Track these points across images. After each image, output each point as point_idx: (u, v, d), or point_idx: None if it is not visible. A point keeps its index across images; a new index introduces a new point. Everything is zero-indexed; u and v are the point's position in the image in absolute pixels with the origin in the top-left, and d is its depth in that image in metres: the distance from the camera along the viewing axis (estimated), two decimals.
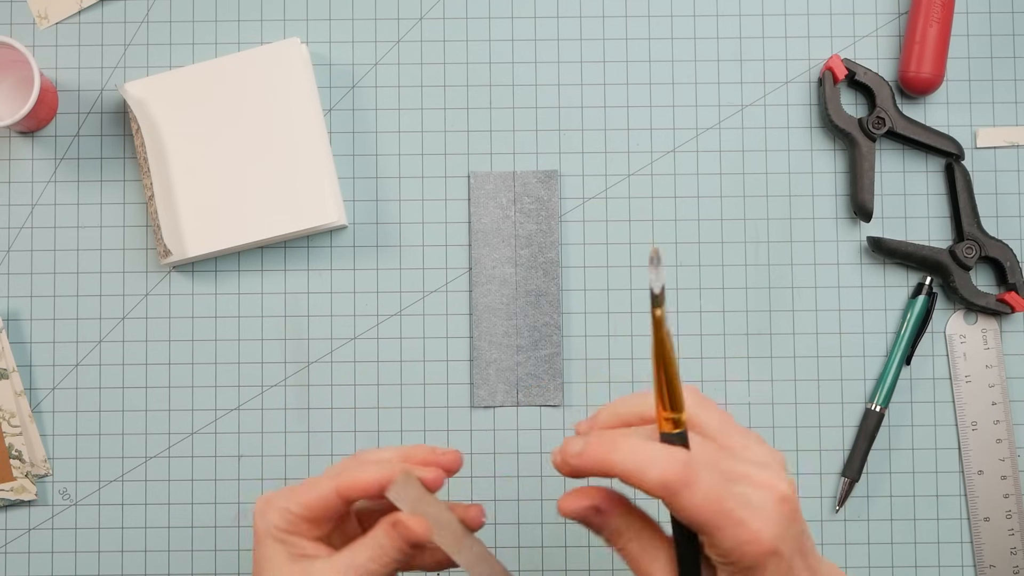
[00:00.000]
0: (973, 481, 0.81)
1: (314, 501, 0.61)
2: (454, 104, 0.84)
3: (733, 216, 0.83)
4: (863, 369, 0.82)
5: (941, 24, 0.81)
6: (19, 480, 0.81)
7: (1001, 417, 0.82)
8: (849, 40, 0.84)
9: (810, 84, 0.84)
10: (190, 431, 0.82)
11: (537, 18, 0.84)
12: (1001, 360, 0.82)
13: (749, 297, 0.82)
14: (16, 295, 0.82)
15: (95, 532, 0.81)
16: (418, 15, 0.84)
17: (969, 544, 0.82)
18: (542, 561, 0.81)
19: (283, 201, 0.81)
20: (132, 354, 0.82)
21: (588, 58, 0.84)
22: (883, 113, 0.81)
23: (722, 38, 0.84)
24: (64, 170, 0.83)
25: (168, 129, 0.81)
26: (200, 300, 0.83)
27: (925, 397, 0.82)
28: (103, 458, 0.82)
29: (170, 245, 0.80)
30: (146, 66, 0.84)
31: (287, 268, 0.83)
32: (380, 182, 0.83)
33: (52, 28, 0.84)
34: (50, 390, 0.82)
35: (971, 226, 0.81)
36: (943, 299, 0.82)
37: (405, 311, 0.83)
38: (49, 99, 0.81)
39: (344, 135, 0.83)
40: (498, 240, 0.82)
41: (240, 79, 0.82)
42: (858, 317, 0.83)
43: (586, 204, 0.83)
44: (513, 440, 0.82)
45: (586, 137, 0.83)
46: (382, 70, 0.84)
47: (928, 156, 0.83)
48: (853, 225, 0.83)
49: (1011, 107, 0.84)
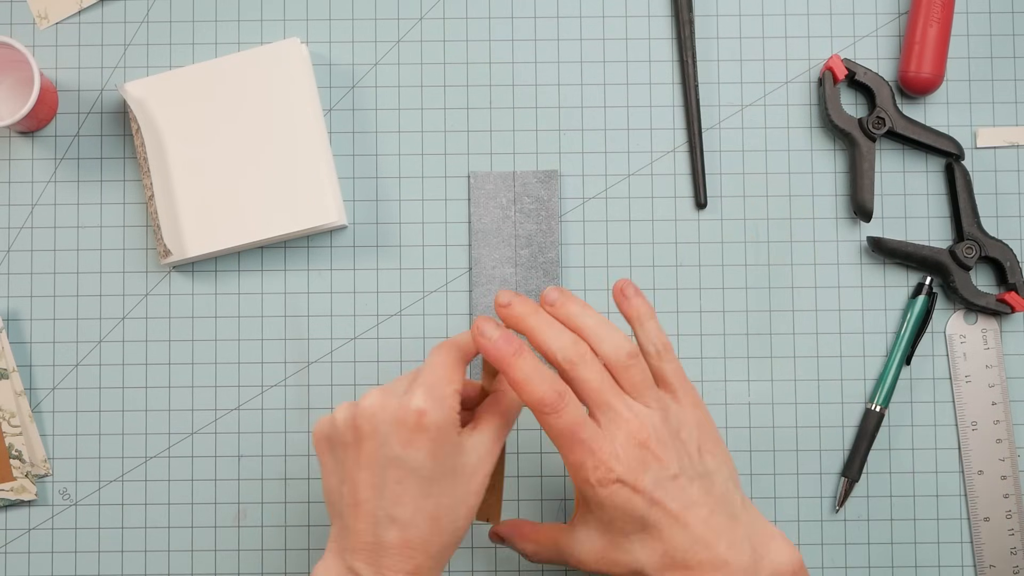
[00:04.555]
0: (973, 481, 0.81)
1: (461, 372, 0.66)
2: (454, 104, 0.84)
3: (733, 216, 0.83)
4: (863, 369, 0.82)
5: (941, 24, 0.81)
6: (19, 480, 0.81)
7: (1001, 417, 0.82)
8: (849, 40, 0.84)
9: (810, 84, 0.84)
10: (190, 431, 0.82)
11: (537, 18, 0.84)
12: (1001, 360, 0.82)
13: (749, 297, 0.82)
14: (16, 295, 0.82)
15: (95, 532, 0.81)
16: (418, 15, 0.84)
17: (969, 544, 0.82)
18: None
19: (283, 201, 0.81)
20: (132, 354, 0.82)
21: (588, 58, 0.84)
22: (883, 113, 0.81)
23: (722, 38, 0.84)
24: (64, 170, 0.83)
25: (168, 129, 0.81)
26: (200, 300, 0.83)
27: (925, 397, 0.82)
28: (103, 458, 0.82)
29: (170, 245, 0.80)
30: (146, 66, 0.84)
31: (287, 268, 0.83)
32: (380, 182, 0.83)
33: (52, 28, 0.84)
34: (50, 390, 0.82)
35: (971, 226, 0.81)
36: (943, 299, 0.82)
37: (405, 311, 0.83)
38: (49, 99, 0.81)
39: (344, 135, 0.83)
40: (498, 240, 0.82)
41: (240, 79, 0.82)
42: (858, 317, 0.83)
43: (586, 204, 0.83)
44: (513, 440, 0.82)
45: (586, 137, 0.83)
46: (382, 70, 0.84)
47: (928, 156, 0.83)
48: (853, 225, 0.83)
49: (1011, 107, 0.84)
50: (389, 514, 0.63)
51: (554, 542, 0.69)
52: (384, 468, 0.63)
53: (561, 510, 0.81)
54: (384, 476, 0.63)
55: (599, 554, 0.67)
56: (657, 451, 0.65)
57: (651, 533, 0.65)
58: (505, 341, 0.65)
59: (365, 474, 0.64)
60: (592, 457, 0.64)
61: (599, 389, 0.65)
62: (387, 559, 0.63)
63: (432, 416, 0.63)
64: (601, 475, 0.64)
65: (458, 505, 0.65)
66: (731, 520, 0.66)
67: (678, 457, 0.65)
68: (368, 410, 0.64)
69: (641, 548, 0.65)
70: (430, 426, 0.63)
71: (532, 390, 0.64)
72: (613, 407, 0.65)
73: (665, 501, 0.64)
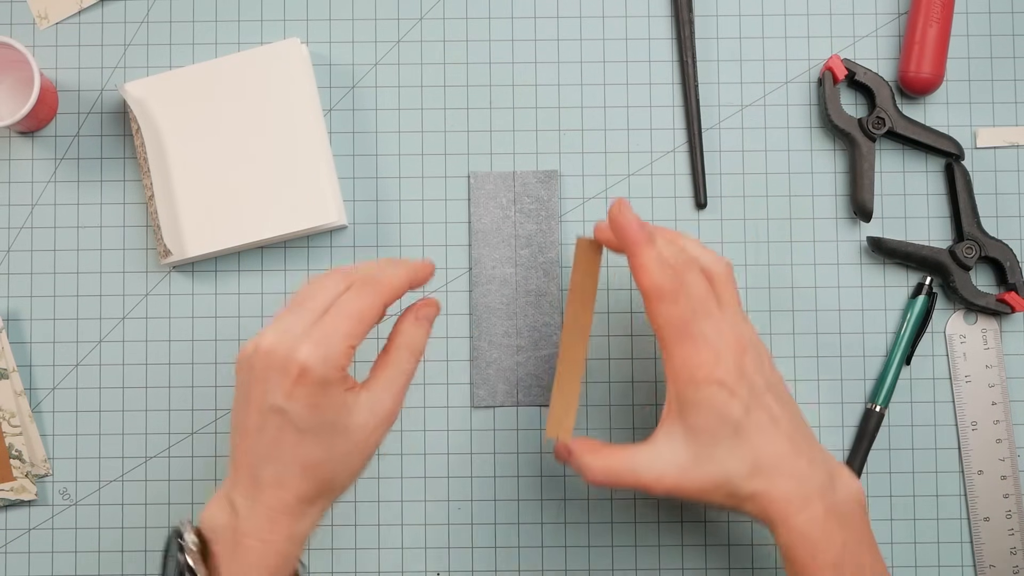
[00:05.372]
0: (973, 481, 0.81)
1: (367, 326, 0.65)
2: (454, 104, 0.84)
3: (733, 216, 0.83)
4: (863, 369, 0.82)
5: (941, 24, 0.81)
6: (19, 480, 0.81)
7: (1001, 417, 0.82)
8: (849, 40, 0.84)
9: (810, 84, 0.84)
10: (190, 431, 0.82)
11: (537, 18, 0.84)
12: (1001, 360, 0.82)
13: (749, 297, 0.82)
14: (16, 295, 0.82)
15: (95, 532, 0.81)
16: (418, 15, 0.84)
17: (969, 544, 0.82)
18: (542, 561, 0.81)
19: (283, 201, 0.81)
20: (132, 354, 0.82)
21: (588, 58, 0.84)
22: (883, 113, 0.81)
23: (722, 38, 0.84)
24: (64, 170, 0.83)
25: (168, 129, 0.81)
26: (200, 300, 0.83)
27: (925, 397, 0.82)
28: (103, 458, 0.82)
29: (170, 245, 0.80)
30: (146, 66, 0.84)
31: (287, 268, 0.83)
32: (380, 182, 0.83)
33: (52, 28, 0.84)
34: (50, 390, 0.82)
35: (971, 226, 0.81)
36: (943, 299, 0.82)
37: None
38: (49, 99, 0.81)
39: (344, 135, 0.83)
40: (498, 240, 0.82)
41: (240, 79, 0.82)
42: (858, 317, 0.83)
43: (586, 204, 0.83)
44: (513, 440, 0.82)
45: (586, 137, 0.83)
46: (382, 70, 0.84)
47: (928, 156, 0.83)
48: (853, 225, 0.83)
49: (1011, 107, 0.84)
50: (267, 454, 0.64)
51: (629, 460, 0.68)
52: (266, 413, 0.64)
53: (561, 510, 0.82)
54: (266, 420, 0.64)
55: (681, 468, 0.67)
56: (751, 361, 0.67)
57: (742, 439, 0.66)
58: (640, 226, 0.68)
59: (253, 415, 0.64)
60: (698, 354, 0.66)
61: (704, 297, 0.68)
62: (263, 496, 0.64)
63: (315, 373, 0.63)
64: (706, 373, 0.66)
65: (336, 461, 0.65)
66: (810, 442, 0.68)
67: (765, 374, 0.68)
68: (262, 351, 0.64)
69: (730, 455, 0.66)
70: (311, 383, 0.63)
71: (654, 276, 0.66)
72: (714, 316, 0.67)
73: (760, 408, 0.67)
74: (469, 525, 0.82)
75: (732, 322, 0.68)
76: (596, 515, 0.81)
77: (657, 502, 0.82)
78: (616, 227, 0.68)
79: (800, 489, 0.66)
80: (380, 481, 0.82)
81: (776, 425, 0.67)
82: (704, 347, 0.66)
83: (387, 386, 0.67)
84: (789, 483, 0.66)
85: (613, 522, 0.81)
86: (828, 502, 0.66)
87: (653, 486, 0.67)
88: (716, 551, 0.81)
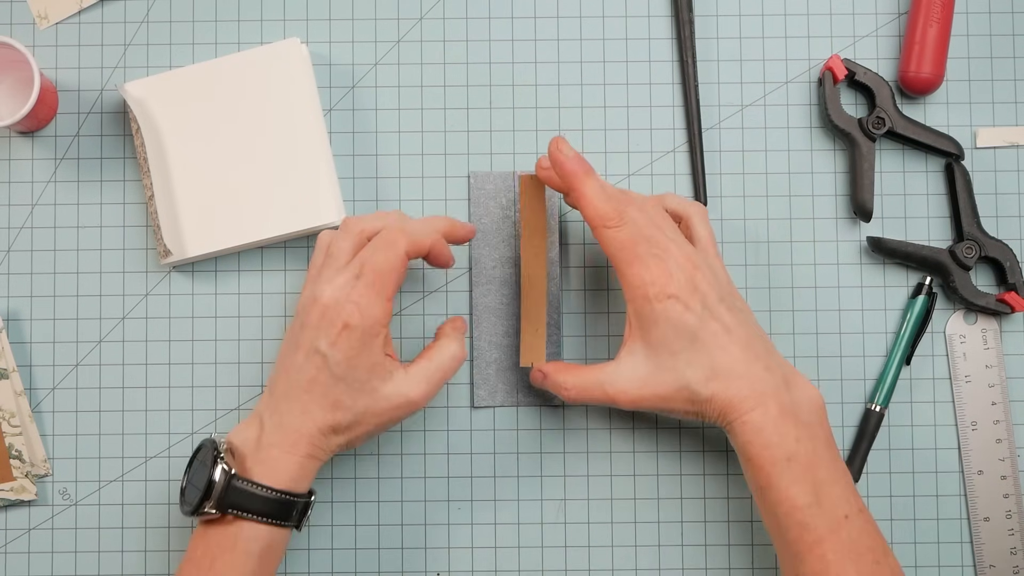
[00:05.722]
0: (973, 481, 0.81)
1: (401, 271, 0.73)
2: (454, 104, 0.84)
3: (733, 216, 0.83)
4: (863, 369, 0.82)
5: (941, 24, 0.81)
6: (19, 480, 0.81)
7: (1001, 417, 0.82)
8: (849, 40, 0.84)
9: (810, 84, 0.84)
10: (190, 431, 0.82)
11: (537, 18, 0.84)
12: (1001, 360, 0.82)
13: (749, 297, 0.82)
14: (16, 295, 0.82)
15: (95, 532, 0.81)
16: (418, 15, 0.84)
17: (969, 544, 0.82)
18: (542, 561, 0.81)
19: (283, 201, 0.81)
20: (132, 354, 0.82)
21: (588, 58, 0.84)
22: (883, 113, 0.81)
23: (722, 38, 0.84)
24: (64, 170, 0.83)
25: (168, 129, 0.81)
26: (200, 300, 0.83)
27: (925, 397, 0.82)
28: (103, 458, 0.82)
29: (170, 245, 0.80)
30: (146, 66, 0.84)
31: (287, 268, 0.83)
32: (380, 182, 0.83)
33: (52, 28, 0.84)
34: (50, 390, 0.82)
35: (971, 226, 0.81)
36: (943, 299, 0.82)
37: (405, 311, 0.83)
38: (49, 99, 0.81)
39: (344, 135, 0.83)
40: (498, 240, 0.82)
41: (240, 79, 0.82)
42: (858, 317, 0.83)
43: None
44: (513, 440, 0.82)
45: (586, 137, 0.83)
46: (382, 70, 0.84)
47: (928, 156, 0.83)
48: (853, 225, 0.83)
49: (1011, 107, 0.84)
50: (302, 387, 0.71)
51: (596, 378, 0.74)
52: (311, 354, 0.71)
53: (561, 510, 0.82)
54: (309, 360, 0.71)
55: (643, 380, 0.72)
56: (703, 278, 0.72)
57: (699, 348, 0.71)
58: (578, 160, 0.73)
59: (300, 355, 0.72)
60: (649, 272, 0.71)
61: (646, 223, 0.73)
62: (290, 418, 0.71)
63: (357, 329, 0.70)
64: (657, 290, 0.71)
65: (355, 413, 0.72)
66: (766, 349, 0.73)
67: (718, 288, 0.72)
68: (320, 303, 0.71)
69: (688, 364, 0.71)
70: (353, 337, 0.70)
71: (598, 204, 0.72)
72: (660, 242, 0.72)
73: (713, 319, 0.71)
74: (469, 525, 0.82)
75: (679, 243, 0.73)
76: (596, 515, 0.81)
77: (657, 502, 0.82)
78: (556, 163, 0.73)
79: (754, 389, 0.70)
80: (380, 481, 0.82)
81: (730, 334, 0.71)
82: (655, 265, 0.71)
83: (424, 375, 0.73)
84: (744, 384, 0.70)
85: (613, 522, 0.81)
86: (783, 401, 0.70)
87: (619, 398, 0.73)
88: (716, 551, 0.81)
